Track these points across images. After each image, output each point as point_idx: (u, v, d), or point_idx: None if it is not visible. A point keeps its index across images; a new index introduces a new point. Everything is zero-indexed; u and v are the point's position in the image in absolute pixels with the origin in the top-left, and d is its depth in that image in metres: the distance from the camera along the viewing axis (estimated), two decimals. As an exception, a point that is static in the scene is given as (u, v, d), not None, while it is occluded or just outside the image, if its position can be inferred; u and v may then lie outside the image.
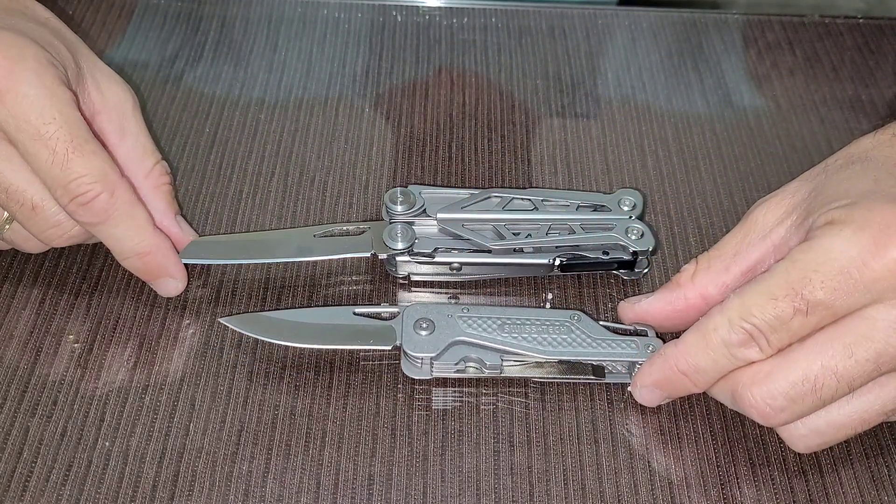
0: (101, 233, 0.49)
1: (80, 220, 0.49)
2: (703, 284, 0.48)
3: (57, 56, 0.49)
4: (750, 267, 0.47)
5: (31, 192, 0.48)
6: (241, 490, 0.45)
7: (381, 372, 0.50)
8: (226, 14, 0.71)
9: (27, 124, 0.47)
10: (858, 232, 0.42)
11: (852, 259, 0.42)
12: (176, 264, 0.51)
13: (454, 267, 0.53)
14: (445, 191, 0.55)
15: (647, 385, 0.47)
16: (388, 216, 0.54)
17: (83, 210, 0.48)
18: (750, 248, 0.47)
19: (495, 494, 0.45)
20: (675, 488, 0.46)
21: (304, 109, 0.64)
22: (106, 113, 0.51)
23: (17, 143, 0.47)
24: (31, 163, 0.47)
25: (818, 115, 0.65)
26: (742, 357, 0.44)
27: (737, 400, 0.45)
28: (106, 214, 0.48)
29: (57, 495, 0.44)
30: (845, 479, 0.46)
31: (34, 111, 0.47)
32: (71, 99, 0.48)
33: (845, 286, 0.42)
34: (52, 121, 0.47)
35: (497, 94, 0.66)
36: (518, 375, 0.49)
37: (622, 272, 0.54)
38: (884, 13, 0.76)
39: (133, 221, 0.49)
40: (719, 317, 0.45)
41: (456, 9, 0.72)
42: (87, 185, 0.47)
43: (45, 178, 0.48)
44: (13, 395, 0.48)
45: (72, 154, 0.47)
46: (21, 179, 0.48)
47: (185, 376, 0.49)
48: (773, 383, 0.44)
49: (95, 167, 0.48)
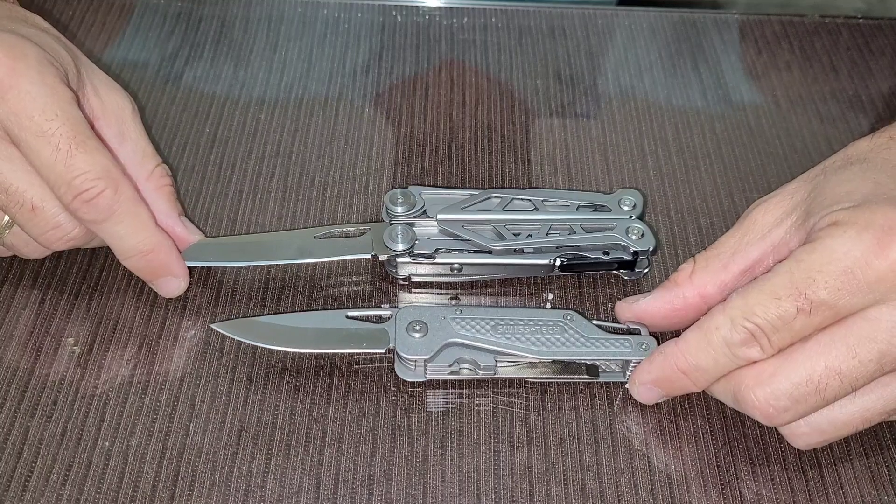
0: (104, 231, 0.49)
1: (83, 218, 0.49)
2: (701, 283, 0.48)
3: (58, 59, 0.49)
4: (748, 266, 0.47)
5: (32, 193, 0.48)
6: (241, 490, 0.45)
7: (381, 372, 0.50)
8: (226, 14, 0.71)
9: (30, 121, 0.47)
10: (862, 233, 0.42)
11: (856, 260, 0.42)
12: (178, 262, 0.51)
13: (455, 268, 0.53)
14: (446, 192, 0.55)
15: (646, 383, 0.47)
16: (388, 217, 0.54)
17: (87, 207, 0.48)
18: (749, 247, 0.47)
19: (495, 494, 0.45)
20: (675, 488, 0.46)
21: (304, 109, 0.64)
22: (105, 119, 0.51)
23: (19, 140, 0.47)
24: (34, 160, 0.47)
25: (818, 114, 0.65)
26: (743, 356, 0.44)
27: (739, 400, 0.45)
28: (110, 211, 0.48)
29: (57, 495, 0.44)
30: (845, 478, 0.47)
31: (37, 108, 0.47)
32: (72, 97, 0.48)
33: (849, 286, 0.42)
34: (55, 117, 0.47)
35: (497, 94, 0.66)
36: (512, 376, 0.49)
37: (622, 272, 0.54)
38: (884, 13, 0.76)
39: (136, 219, 0.49)
40: (721, 316, 0.44)
41: (456, 9, 0.72)
42: (90, 182, 0.47)
43: (47, 176, 0.48)
44: (13, 395, 0.48)
45: (75, 150, 0.47)
46: (21, 180, 0.48)
47: (185, 376, 0.49)
48: (776, 384, 0.44)
49: (99, 163, 0.48)
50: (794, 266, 0.43)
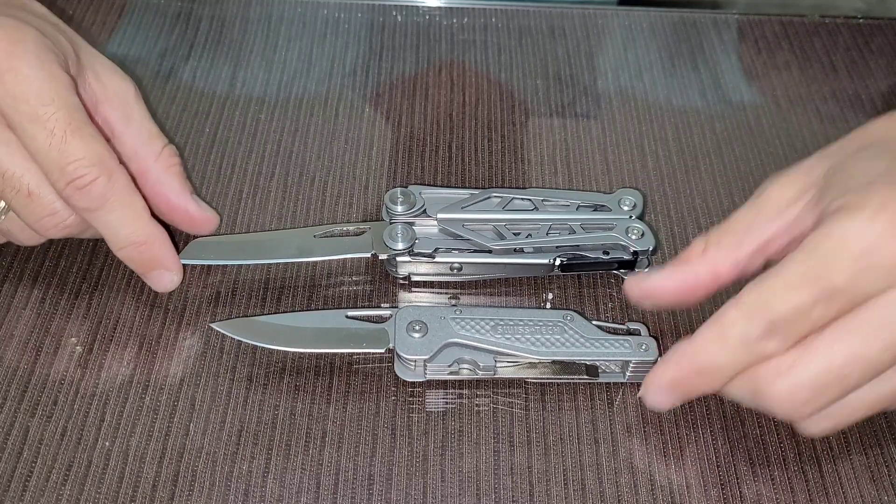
0: (97, 220, 0.49)
1: (76, 206, 0.48)
2: (714, 260, 0.47)
3: (57, 45, 0.49)
4: (762, 244, 0.46)
5: (28, 179, 0.48)
6: (241, 490, 0.45)
7: (381, 372, 0.50)
8: (225, 14, 0.71)
9: (26, 104, 0.46)
10: (875, 216, 0.41)
11: (870, 244, 0.41)
12: (171, 256, 0.51)
13: (454, 267, 0.53)
14: (445, 191, 0.55)
15: (662, 386, 0.46)
16: (388, 216, 0.54)
17: (80, 194, 0.48)
18: (763, 224, 0.46)
19: (495, 494, 0.45)
20: (675, 488, 0.46)
21: (303, 109, 0.64)
22: (108, 102, 0.51)
23: (14, 124, 0.47)
24: (29, 145, 0.47)
25: (818, 114, 0.65)
26: (761, 351, 0.43)
27: (758, 396, 0.44)
28: (103, 199, 0.48)
29: (57, 495, 0.44)
30: (845, 478, 0.47)
31: (33, 92, 0.47)
32: (70, 83, 0.48)
33: (864, 271, 0.41)
34: (51, 102, 0.47)
35: (497, 94, 0.66)
36: (512, 376, 0.49)
37: (622, 272, 0.54)
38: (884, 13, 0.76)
39: (129, 209, 0.49)
40: (735, 311, 0.43)
41: (456, 9, 0.72)
42: (84, 168, 0.47)
43: (42, 161, 0.47)
44: (13, 395, 0.48)
45: (70, 137, 0.47)
46: (18, 165, 0.47)
47: (185, 376, 0.49)
48: (796, 376, 0.43)
49: (93, 150, 0.47)
50: (808, 254, 0.42)
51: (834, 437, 0.48)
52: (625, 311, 0.53)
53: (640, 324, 0.50)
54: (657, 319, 0.52)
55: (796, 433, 0.48)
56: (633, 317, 0.53)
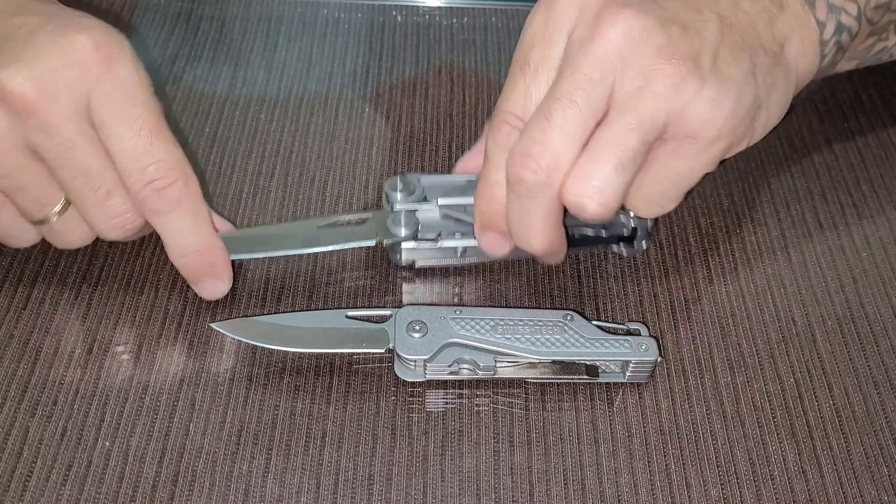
0: (167, 223, 0.49)
1: (149, 207, 0.49)
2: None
3: None
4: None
5: (108, 177, 0.48)
6: (241, 490, 0.45)
7: (381, 372, 0.50)
8: (226, 14, 0.71)
9: (120, 106, 0.47)
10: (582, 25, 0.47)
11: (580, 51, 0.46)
12: (226, 265, 0.52)
13: (459, 251, 0.53)
14: (445, 177, 0.55)
15: (478, 232, 0.51)
16: (388, 204, 0.54)
17: (156, 196, 0.48)
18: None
19: (495, 494, 0.45)
20: (675, 488, 0.46)
21: (303, 109, 0.64)
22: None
23: (102, 124, 0.47)
24: (112, 145, 0.48)
25: (818, 114, 0.65)
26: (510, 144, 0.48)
27: (570, 207, 0.47)
28: (177, 203, 0.49)
29: (57, 495, 0.44)
30: (845, 479, 0.47)
31: (128, 94, 0.48)
32: (153, 87, 0.49)
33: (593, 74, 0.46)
34: (141, 104, 0.48)
35: (497, 93, 0.66)
36: (512, 376, 0.49)
37: (622, 247, 0.54)
38: (884, 13, 0.75)
39: (198, 216, 0.50)
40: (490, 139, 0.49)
41: (456, 9, 0.72)
42: (164, 171, 0.48)
43: (122, 161, 0.48)
44: (13, 395, 0.48)
45: (154, 138, 0.48)
46: (101, 163, 0.48)
47: (185, 376, 0.49)
48: (580, 173, 0.46)
49: (173, 154, 0.48)
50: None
51: (834, 437, 0.48)
52: (625, 312, 0.53)
53: (640, 324, 0.51)
54: (657, 319, 0.52)
55: (796, 433, 0.48)
56: (633, 317, 0.53)
